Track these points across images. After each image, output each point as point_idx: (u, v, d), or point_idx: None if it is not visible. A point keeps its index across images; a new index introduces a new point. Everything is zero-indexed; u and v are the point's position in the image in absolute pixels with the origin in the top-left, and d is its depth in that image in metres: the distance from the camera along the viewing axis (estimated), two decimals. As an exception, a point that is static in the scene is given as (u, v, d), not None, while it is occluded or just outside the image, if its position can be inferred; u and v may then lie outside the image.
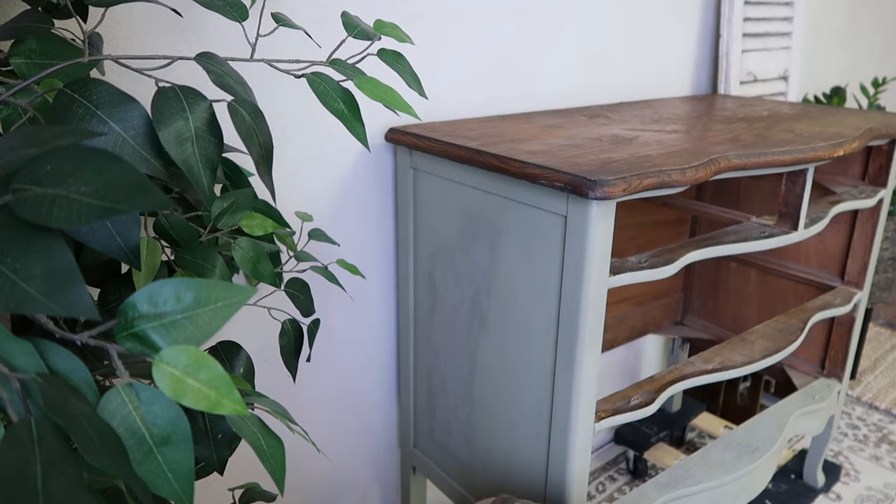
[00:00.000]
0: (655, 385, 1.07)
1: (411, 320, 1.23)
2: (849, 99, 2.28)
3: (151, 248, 0.63)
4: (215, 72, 0.56)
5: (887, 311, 2.77)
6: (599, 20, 1.44)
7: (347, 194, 1.16)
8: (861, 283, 1.45)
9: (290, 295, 0.86)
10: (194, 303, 0.39)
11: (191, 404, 0.38)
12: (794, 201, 1.10)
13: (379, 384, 1.32)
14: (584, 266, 0.85)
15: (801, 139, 1.10)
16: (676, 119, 1.28)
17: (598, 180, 0.80)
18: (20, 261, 0.36)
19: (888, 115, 1.36)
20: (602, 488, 1.79)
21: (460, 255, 1.06)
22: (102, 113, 0.50)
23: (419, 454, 1.31)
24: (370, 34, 0.65)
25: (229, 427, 0.63)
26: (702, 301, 1.79)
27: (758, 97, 1.70)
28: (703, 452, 1.25)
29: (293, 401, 1.19)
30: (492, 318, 1.03)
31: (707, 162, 0.92)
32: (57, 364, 0.41)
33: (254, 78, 0.97)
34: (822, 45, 2.16)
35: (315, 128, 1.08)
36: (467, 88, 1.25)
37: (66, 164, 0.38)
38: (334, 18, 1.03)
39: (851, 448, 1.94)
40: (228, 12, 0.62)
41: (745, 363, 1.18)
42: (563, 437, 0.95)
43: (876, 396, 2.20)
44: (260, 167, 0.60)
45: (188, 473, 0.41)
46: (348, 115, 0.60)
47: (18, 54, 0.55)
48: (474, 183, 0.99)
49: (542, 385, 0.96)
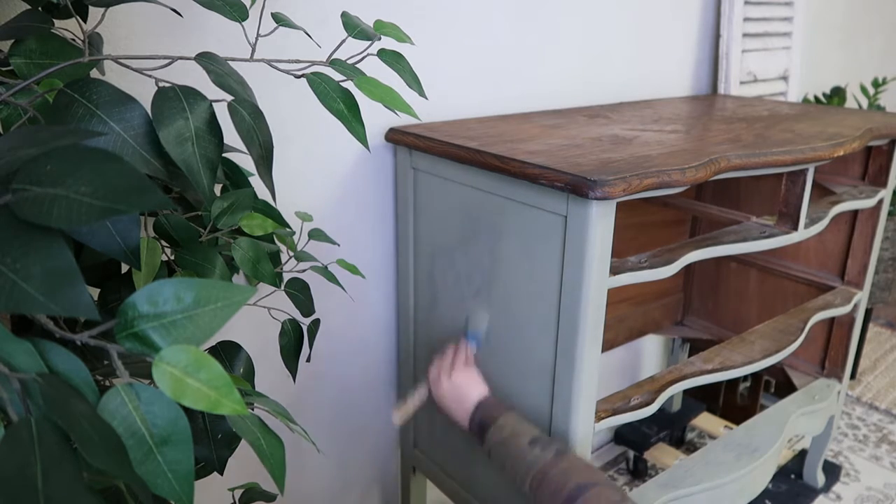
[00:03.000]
0: (655, 385, 1.07)
1: (411, 320, 1.23)
2: (849, 99, 2.28)
3: (151, 248, 0.63)
4: (215, 72, 0.56)
5: (887, 311, 2.77)
6: (600, 20, 1.44)
7: (347, 194, 1.16)
8: (861, 283, 1.45)
9: (290, 295, 0.86)
10: (194, 303, 0.39)
11: (191, 404, 0.38)
12: (794, 201, 1.10)
13: (379, 384, 1.32)
14: (584, 266, 0.85)
15: (801, 139, 1.10)
16: (676, 119, 1.28)
17: (598, 180, 0.80)
18: (20, 261, 0.36)
19: (888, 115, 1.36)
20: (602, 488, 1.79)
21: (460, 255, 1.06)
22: (102, 113, 0.50)
23: (419, 454, 1.31)
24: (370, 34, 0.65)
25: (229, 427, 0.63)
26: (702, 301, 1.79)
27: (758, 97, 1.70)
28: (703, 452, 1.25)
29: (293, 401, 1.19)
30: (492, 317, 1.03)
31: (707, 162, 0.92)
32: (57, 364, 0.41)
33: (254, 78, 0.97)
34: (822, 45, 2.16)
35: (315, 128, 1.08)
36: (467, 88, 1.25)
37: (66, 164, 0.38)
38: (334, 18, 1.03)
39: (851, 448, 1.94)
40: (228, 12, 0.62)
41: (745, 363, 1.18)
42: (564, 437, 0.95)
43: (876, 396, 2.20)
44: (260, 167, 0.60)
45: (188, 473, 0.41)
46: (348, 115, 0.60)
47: (18, 54, 0.55)
48: (474, 183, 0.99)
49: (543, 385, 0.96)
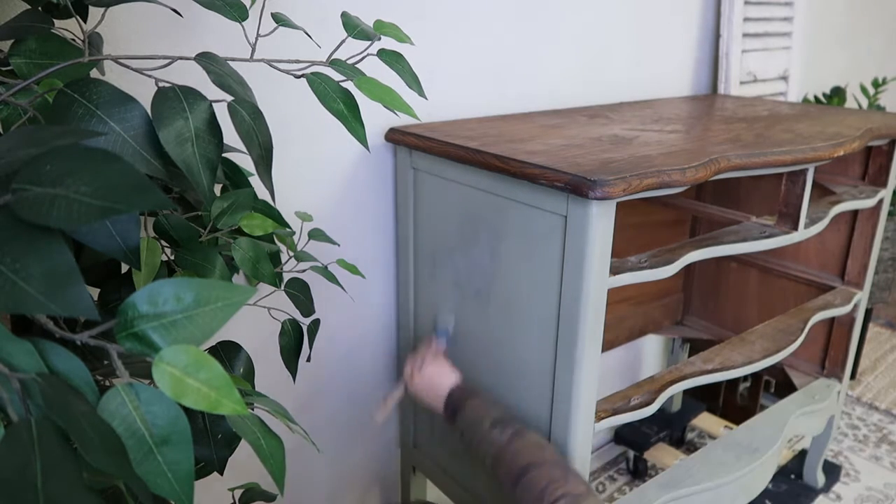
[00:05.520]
0: (655, 385, 1.07)
1: (411, 320, 1.23)
2: (849, 99, 2.28)
3: (151, 248, 0.63)
4: (215, 72, 0.56)
5: (887, 311, 2.77)
6: (599, 20, 1.44)
7: (347, 194, 1.15)
8: (861, 283, 1.45)
9: (290, 295, 0.86)
10: (194, 303, 0.39)
11: (191, 404, 0.38)
12: (794, 201, 1.10)
13: (379, 384, 1.32)
14: (584, 266, 0.85)
15: (801, 139, 1.10)
16: (676, 119, 1.28)
17: (598, 180, 0.80)
18: (20, 261, 0.36)
19: (888, 115, 1.36)
20: (602, 488, 1.79)
21: (460, 255, 1.06)
22: (102, 113, 0.50)
23: (419, 454, 1.31)
24: (370, 34, 0.65)
25: (229, 427, 0.63)
26: (702, 301, 1.79)
27: (758, 97, 1.70)
28: (703, 452, 1.25)
29: (293, 401, 1.19)
30: (492, 317, 1.03)
31: (707, 162, 0.92)
32: (57, 364, 0.41)
33: (254, 78, 0.97)
34: (822, 45, 2.16)
35: (315, 128, 1.08)
36: (467, 88, 1.25)
37: (66, 164, 0.38)
38: (334, 18, 1.02)
39: (851, 448, 1.94)
40: (228, 12, 0.62)
41: (745, 363, 1.18)
42: (564, 437, 0.95)
43: (876, 396, 2.20)
44: (259, 167, 0.60)
45: (188, 473, 0.41)
46: (348, 115, 0.60)
47: (18, 54, 0.55)
48: (474, 183, 0.99)
49: (543, 385, 0.96)
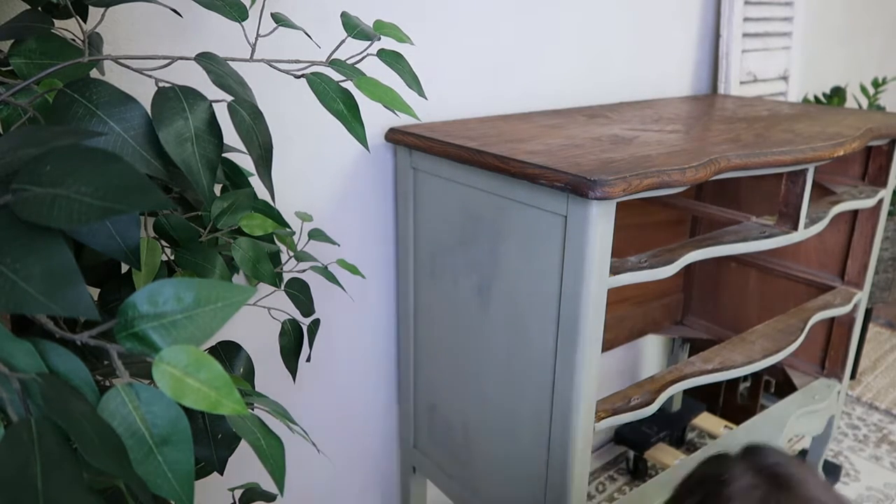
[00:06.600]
0: (655, 385, 1.07)
1: (411, 320, 1.23)
2: (849, 99, 2.28)
3: (151, 248, 0.63)
4: (215, 72, 0.56)
5: (887, 311, 2.77)
6: (599, 20, 1.44)
7: (347, 194, 1.15)
8: (861, 283, 1.45)
9: (290, 295, 0.86)
10: (194, 303, 0.39)
11: (191, 404, 0.38)
12: (794, 201, 1.10)
13: (379, 384, 1.32)
14: (584, 266, 0.85)
15: (801, 139, 1.10)
16: (676, 119, 1.28)
17: (598, 180, 0.80)
18: (20, 261, 0.36)
19: (888, 115, 1.36)
20: (602, 488, 1.79)
21: (460, 255, 1.06)
22: (102, 113, 0.50)
23: (419, 454, 1.31)
24: (370, 34, 0.65)
25: (229, 427, 0.63)
26: (702, 301, 1.79)
27: (758, 97, 1.70)
28: (703, 452, 1.25)
29: (293, 401, 1.19)
30: (492, 317, 1.03)
31: (707, 162, 0.92)
32: (57, 364, 0.41)
33: (254, 78, 0.97)
34: (822, 45, 2.16)
35: (315, 128, 1.08)
36: (467, 88, 1.25)
37: (66, 164, 0.38)
38: (334, 18, 1.03)
39: (851, 448, 1.94)
40: (228, 12, 0.62)
41: (745, 363, 1.18)
42: (564, 437, 0.95)
43: (876, 396, 2.20)
44: (259, 167, 0.60)
45: (188, 473, 0.41)
46: (348, 115, 0.60)
47: (18, 54, 0.55)
48: (474, 183, 0.99)
49: (543, 385, 0.96)
